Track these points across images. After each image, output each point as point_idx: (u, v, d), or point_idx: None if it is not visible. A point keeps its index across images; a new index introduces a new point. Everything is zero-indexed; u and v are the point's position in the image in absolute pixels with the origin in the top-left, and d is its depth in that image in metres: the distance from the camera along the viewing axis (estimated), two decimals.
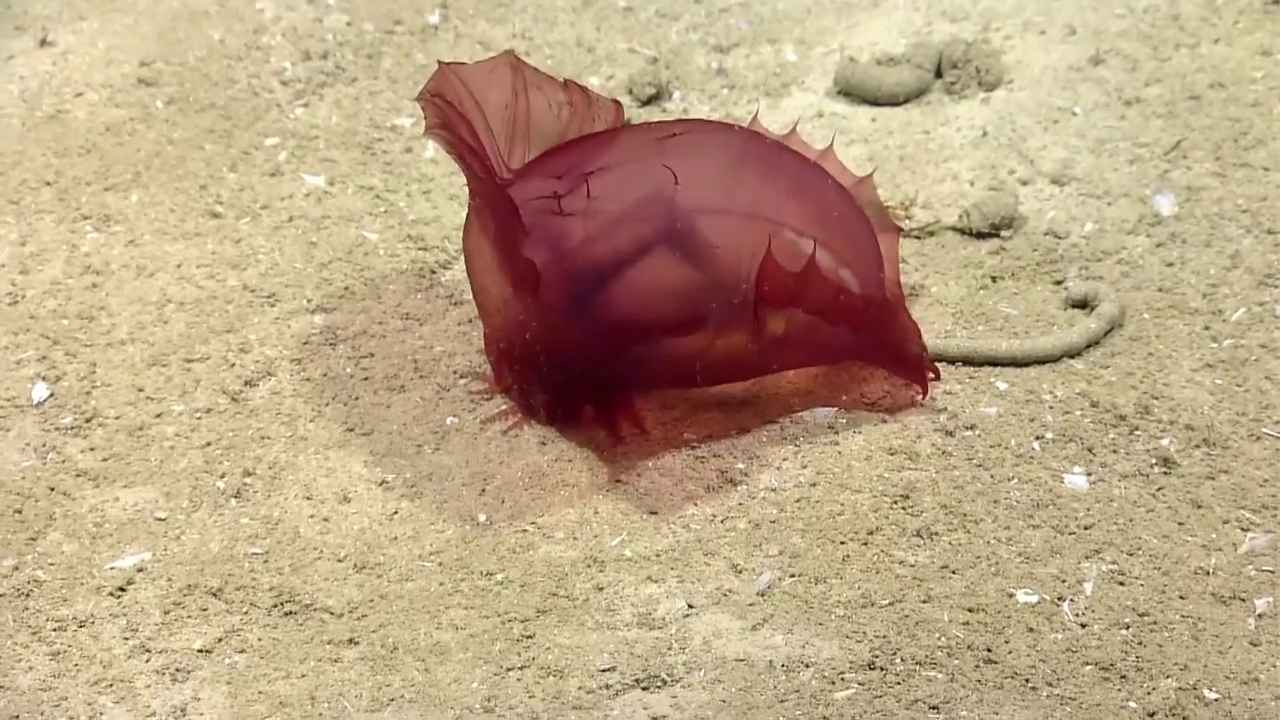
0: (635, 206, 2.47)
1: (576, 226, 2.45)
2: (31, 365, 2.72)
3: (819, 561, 2.36)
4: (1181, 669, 2.19)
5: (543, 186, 2.46)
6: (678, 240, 2.45)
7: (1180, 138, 3.03)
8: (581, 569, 2.37)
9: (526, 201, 2.43)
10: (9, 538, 2.45)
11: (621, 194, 2.47)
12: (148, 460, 2.57)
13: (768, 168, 2.54)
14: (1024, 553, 2.35)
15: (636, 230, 2.46)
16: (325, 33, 3.47)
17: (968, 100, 3.23)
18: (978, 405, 2.59)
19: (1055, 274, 2.82)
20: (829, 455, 2.52)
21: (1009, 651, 2.21)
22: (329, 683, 2.22)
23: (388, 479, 2.53)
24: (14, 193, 3.07)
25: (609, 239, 2.46)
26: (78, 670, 2.26)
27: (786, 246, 2.44)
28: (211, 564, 2.40)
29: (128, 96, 3.30)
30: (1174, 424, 2.53)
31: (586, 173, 2.46)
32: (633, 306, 2.46)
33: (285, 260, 2.93)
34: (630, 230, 2.46)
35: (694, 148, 2.51)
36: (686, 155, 2.49)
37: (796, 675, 2.19)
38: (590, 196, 2.44)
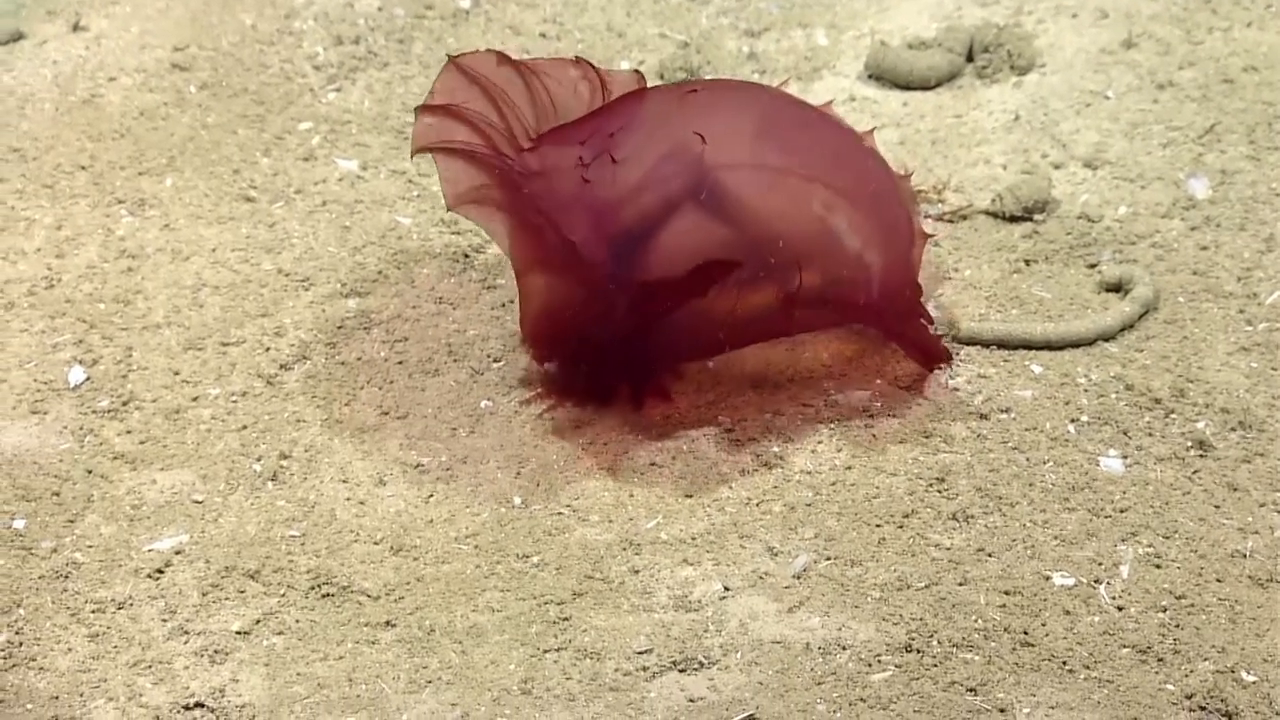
0: (661, 165, 2.45)
1: (604, 192, 2.44)
2: (68, 349, 2.72)
3: (855, 544, 2.35)
4: (1219, 652, 2.18)
5: (567, 154, 2.45)
6: (706, 197, 2.43)
7: (1214, 121, 3.02)
8: (617, 552, 2.37)
9: (551, 170, 2.42)
10: (47, 520, 2.45)
11: (646, 154, 2.45)
12: (184, 443, 2.57)
13: (799, 127, 2.52)
14: (1060, 536, 2.35)
15: (664, 189, 2.44)
16: (357, 17, 3.47)
17: (999, 84, 3.22)
18: (1012, 388, 2.58)
19: (1089, 257, 2.81)
20: (864, 438, 2.52)
21: (1046, 634, 2.21)
22: (366, 664, 2.22)
23: (423, 462, 2.53)
24: (48, 177, 3.07)
25: (637, 201, 2.45)
26: (117, 652, 2.26)
27: (815, 208, 2.44)
28: (249, 546, 2.40)
29: (161, 81, 3.30)
30: (1209, 407, 2.53)
31: (609, 134, 2.45)
32: (666, 268, 2.45)
33: (319, 244, 2.93)
34: (657, 190, 2.44)
35: (719, 104, 2.50)
36: (712, 112, 2.48)
37: (833, 658, 2.19)
38: (615, 160, 2.43)
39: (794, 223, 2.44)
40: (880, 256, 2.51)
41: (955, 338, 2.67)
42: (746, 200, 2.44)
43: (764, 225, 2.44)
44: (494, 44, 3.42)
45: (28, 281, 2.85)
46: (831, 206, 2.46)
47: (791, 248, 2.43)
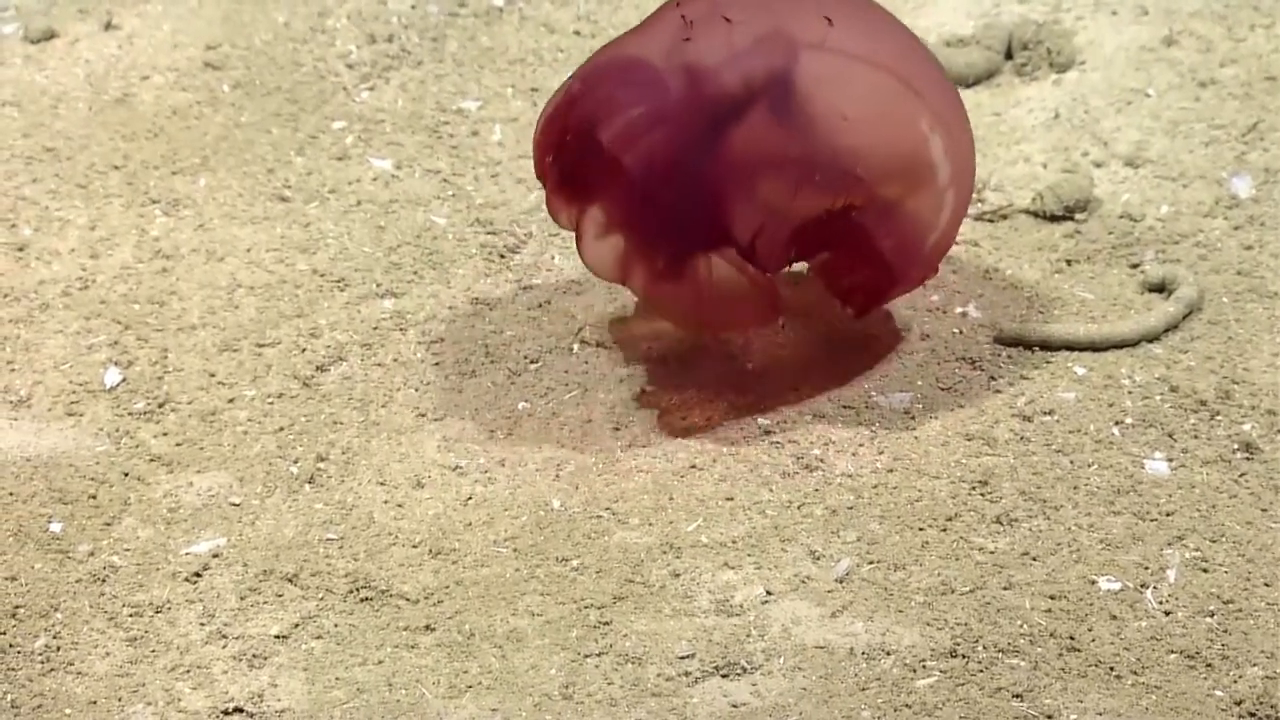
0: (751, 45, 2.41)
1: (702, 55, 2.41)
2: (103, 350, 2.72)
3: (898, 548, 2.34)
4: (1268, 657, 2.17)
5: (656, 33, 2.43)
6: (786, 87, 2.39)
7: (1257, 119, 3.00)
8: (657, 555, 2.36)
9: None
10: (84, 523, 2.45)
11: (731, 38, 2.41)
12: (221, 445, 2.57)
13: (909, 40, 2.51)
14: (1105, 539, 2.33)
15: (746, 70, 2.40)
16: (390, 15, 3.47)
17: (1039, 82, 3.21)
18: (1055, 390, 2.57)
19: (1131, 257, 2.80)
20: (905, 441, 2.51)
21: (1092, 639, 2.19)
22: (406, 669, 2.22)
23: (461, 464, 2.52)
24: (82, 176, 3.07)
25: (719, 80, 2.40)
26: (155, 656, 2.26)
27: (922, 126, 2.43)
28: (286, 549, 2.40)
29: (194, 80, 3.30)
30: (1255, 409, 2.51)
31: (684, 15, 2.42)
32: (740, 159, 2.41)
33: (354, 244, 2.93)
34: (738, 71, 2.40)
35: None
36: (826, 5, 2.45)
37: (878, 663, 2.18)
38: (729, 19, 2.40)
39: (892, 138, 2.41)
40: (955, 203, 2.50)
41: (998, 339, 2.66)
42: (842, 98, 2.40)
43: (856, 133, 2.39)
44: (528, 42, 3.42)
45: (62, 282, 2.85)
46: (934, 129, 2.44)
47: (880, 166, 2.39)
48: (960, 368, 2.62)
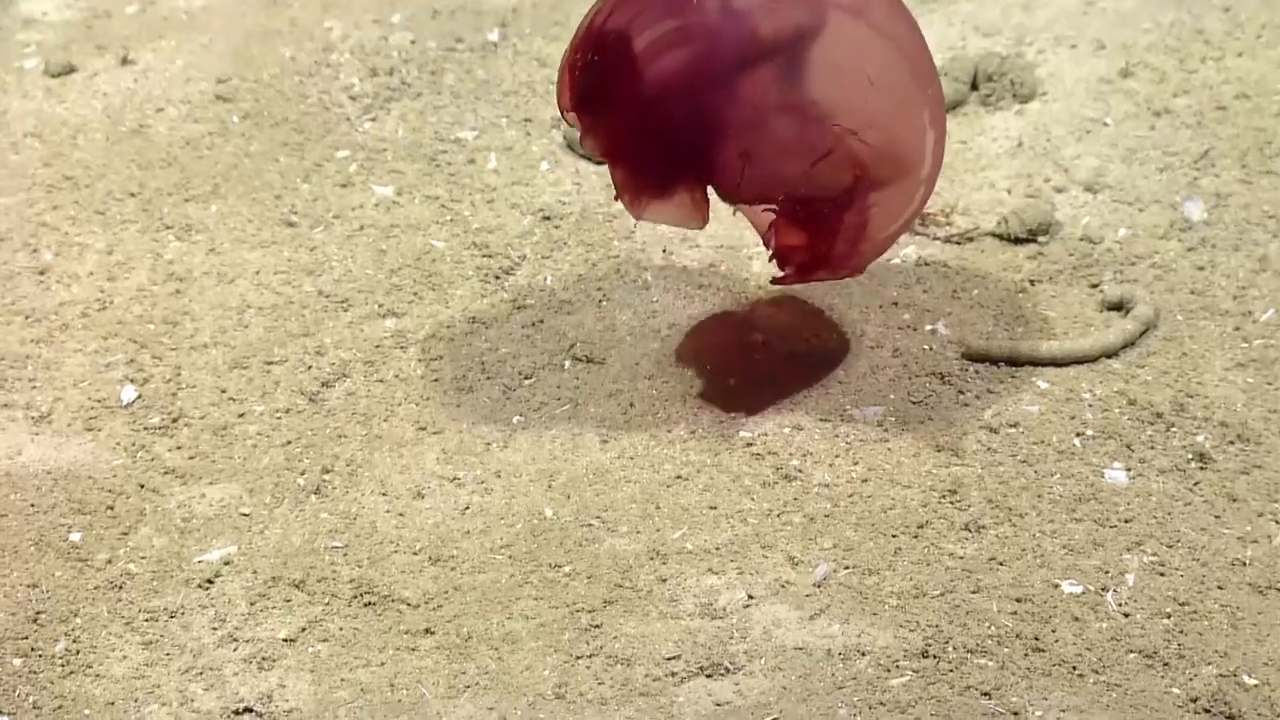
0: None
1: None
2: (120, 368, 2.71)
3: (872, 554, 2.34)
4: (1222, 656, 2.16)
5: None
6: (811, 45, 2.35)
7: (1208, 146, 3.00)
8: (645, 561, 2.35)
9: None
10: (102, 533, 2.44)
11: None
12: (231, 458, 2.56)
13: (921, 39, 2.48)
14: (1068, 545, 2.33)
15: (779, 20, 2.35)
16: (391, 50, 3.46)
17: (1003, 111, 3.21)
18: (1020, 403, 2.56)
19: (1091, 278, 2.79)
20: (879, 452, 2.50)
21: (1056, 640, 2.19)
22: (407, 670, 2.21)
23: (459, 475, 2.51)
24: (100, 204, 3.06)
25: (751, 23, 2.35)
26: (169, 659, 2.25)
27: (924, 119, 2.42)
28: (294, 557, 2.39)
29: (205, 112, 3.29)
30: (1209, 421, 2.51)
31: None
32: (752, 104, 2.36)
33: (357, 267, 2.92)
34: (771, 20, 2.35)
35: None
36: None
37: (853, 663, 2.17)
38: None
39: (899, 121, 2.39)
40: (917, 204, 2.48)
41: (965, 355, 2.65)
42: (863, 68, 2.36)
43: (869, 106, 2.36)
44: (520, 75, 3.42)
45: (81, 304, 2.84)
46: (930, 125, 2.43)
47: (884, 144, 2.36)
48: (930, 382, 2.61)
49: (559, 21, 3.55)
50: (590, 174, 3.12)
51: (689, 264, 2.88)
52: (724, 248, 2.91)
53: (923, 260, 2.86)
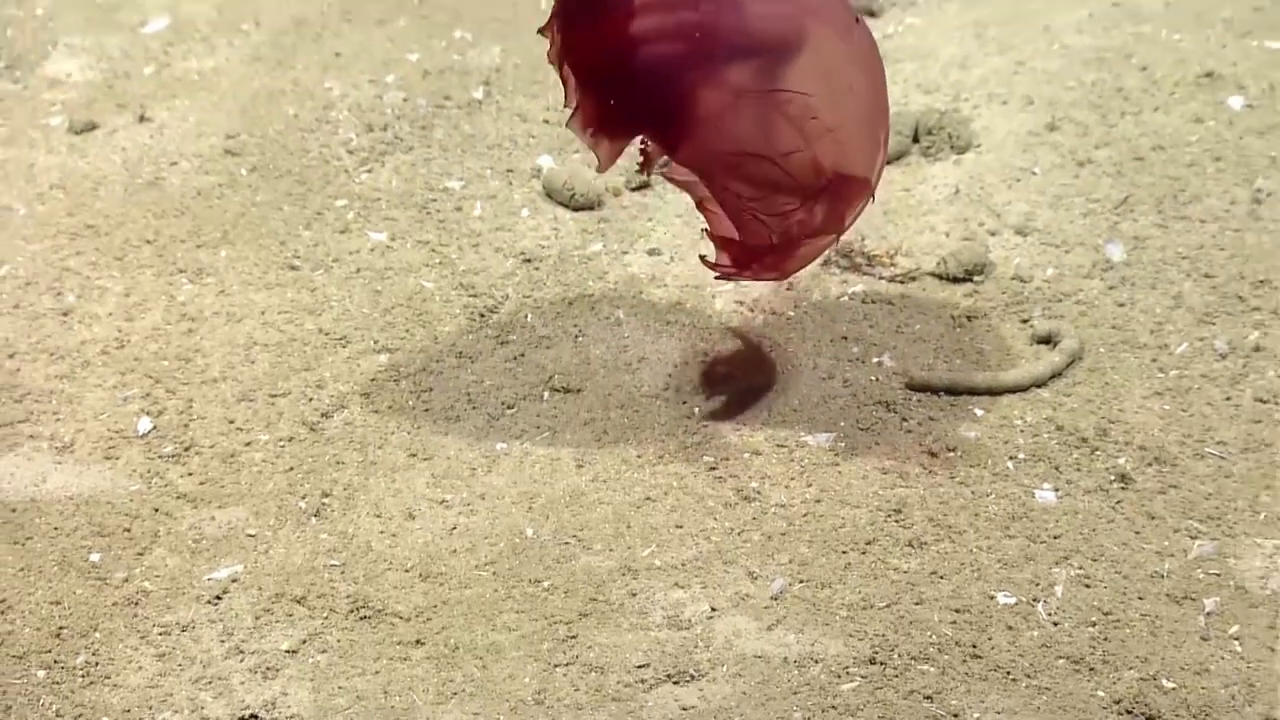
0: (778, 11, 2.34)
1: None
2: (136, 402, 2.69)
3: (824, 569, 2.32)
4: (1142, 661, 2.16)
5: None
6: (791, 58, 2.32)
7: (1127, 194, 3.00)
8: (617, 577, 2.34)
9: None
10: (120, 553, 2.42)
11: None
12: (239, 484, 2.54)
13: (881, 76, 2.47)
14: (1002, 560, 2.32)
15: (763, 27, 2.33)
16: (385, 107, 3.45)
17: (941, 162, 3.20)
18: (958, 429, 2.56)
19: (1022, 314, 2.79)
20: (830, 475, 2.49)
21: (992, 647, 2.18)
22: (399, 679, 2.19)
23: (447, 498, 2.50)
24: (118, 250, 3.04)
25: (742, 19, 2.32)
26: (181, 670, 2.23)
27: (881, 135, 2.41)
28: (296, 575, 2.37)
29: (216, 165, 3.27)
30: (1129, 444, 2.50)
31: None
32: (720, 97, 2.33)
33: (354, 306, 2.90)
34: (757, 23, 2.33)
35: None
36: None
37: (807, 670, 2.16)
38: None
39: (863, 138, 2.38)
40: (849, 220, 2.46)
41: (909, 385, 2.65)
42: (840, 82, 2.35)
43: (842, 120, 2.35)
44: (504, 130, 3.40)
45: (101, 342, 2.82)
46: (880, 147, 2.43)
47: (851, 157, 2.35)
48: (877, 410, 2.61)
49: (538, 80, 3.54)
50: (567, 220, 3.11)
51: (657, 302, 2.87)
52: (689, 287, 2.90)
53: (869, 298, 2.85)
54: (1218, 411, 2.55)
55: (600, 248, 3.01)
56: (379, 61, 3.57)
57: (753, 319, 2.80)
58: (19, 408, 2.69)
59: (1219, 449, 2.48)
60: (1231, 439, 2.50)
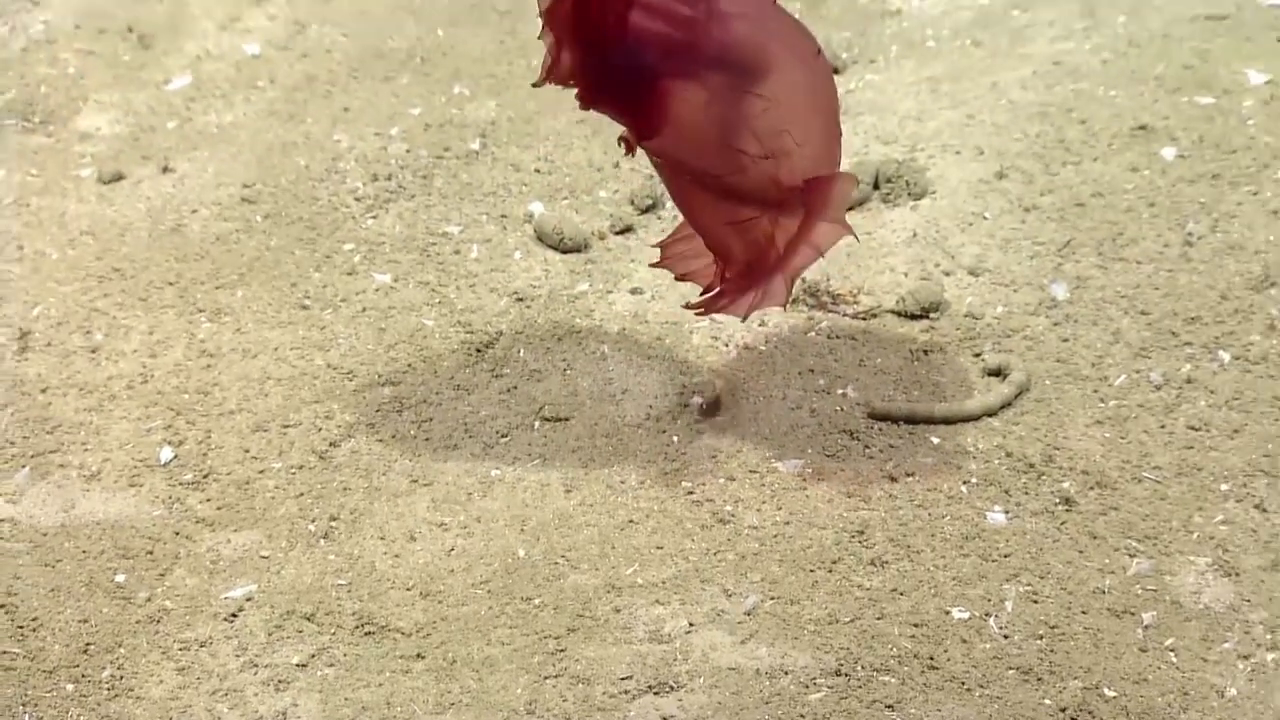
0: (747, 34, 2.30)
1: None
2: (159, 433, 2.67)
3: (793, 587, 2.31)
4: (1086, 671, 2.14)
5: None
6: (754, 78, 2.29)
7: (1070, 237, 3.00)
8: (602, 594, 2.32)
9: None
10: (143, 574, 2.40)
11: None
12: (253, 509, 2.52)
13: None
14: (957, 577, 2.31)
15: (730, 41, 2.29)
16: (389, 158, 3.43)
17: (900, 208, 3.20)
18: (916, 456, 2.55)
19: (974, 348, 2.78)
20: (798, 499, 2.48)
21: (948, 659, 2.17)
22: (402, 690, 2.17)
23: (445, 521, 2.48)
24: (143, 291, 3.02)
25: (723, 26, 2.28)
26: (199, 683, 2.21)
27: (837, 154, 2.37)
28: (306, 594, 2.35)
29: (233, 212, 3.26)
30: (1073, 470, 2.49)
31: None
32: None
33: (360, 343, 2.89)
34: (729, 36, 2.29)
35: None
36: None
37: (778, 681, 2.15)
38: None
39: (821, 156, 2.34)
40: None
41: (870, 414, 2.63)
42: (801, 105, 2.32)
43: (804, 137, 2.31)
44: (498, 178, 3.39)
45: (126, 377, 2.80)
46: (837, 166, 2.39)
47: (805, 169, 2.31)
48: (841, 438, 2.59)
49: (530, 133, 3.53)
50: (556, 261, 3.10)
51: (640, 338, 2.85)
52: (669, 324, 2.89)
53: (834, 333, 2.84)
54: (1153, 439, 2.54)
55: (587, 287, 3.00)
56: (384, 116, 3.55)
57: (727, 353, 2.79)
58: (50, 438, 2.67)
59: (1155, 473, 2.48)
60: (1166, 464, 2.49)
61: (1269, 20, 3.41)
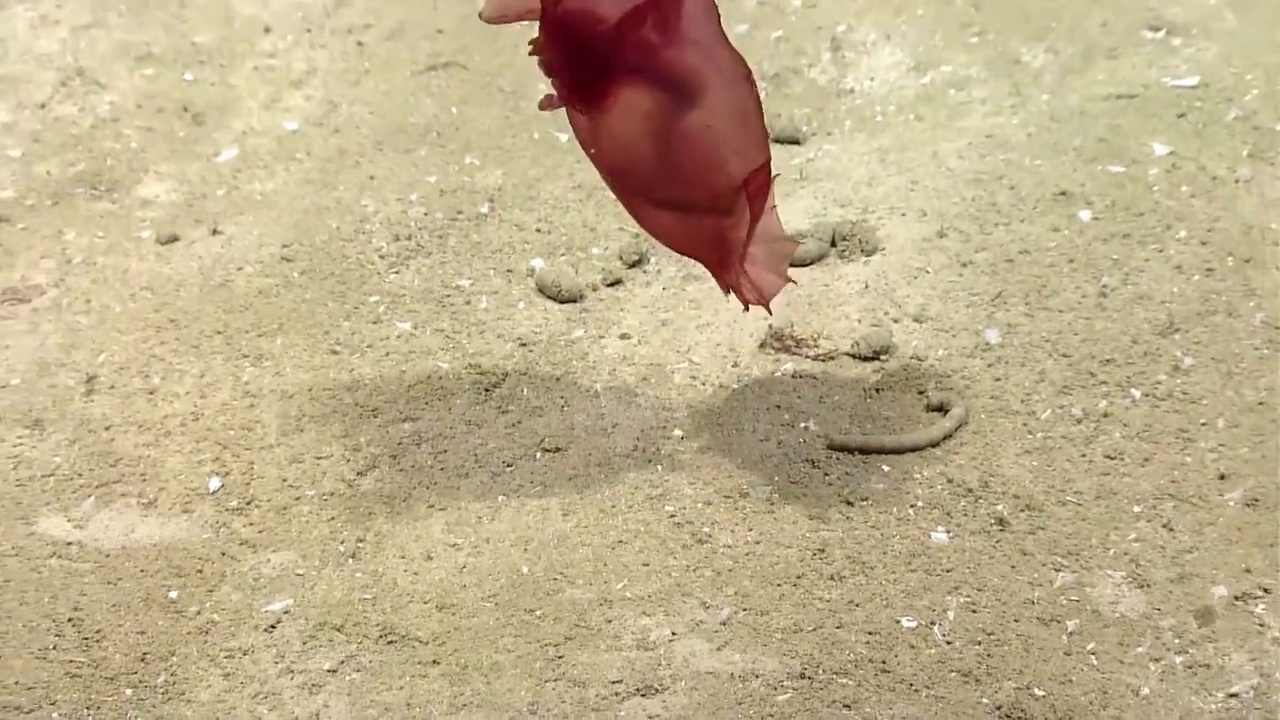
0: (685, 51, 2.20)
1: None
2: (208, 465, 2.65)
3: (763, 599, 2.29)
4: (1018, 673, 2.12)
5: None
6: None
7: (1001, 289, 2.99)
8: (596, 607, 2.30)
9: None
10: (193, 591, 2.37)
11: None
12: (290, 532, 2.49)
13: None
14: (905, 590, 2.29)
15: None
16: (409, 221, 3.41)
17: (854, 262, 3.18)
18: (869, 482, 2.53)
19: (919, 387, 2.76)
20: (767, 521, 2.46)
21: (898, 663, 2.15)
22: (420, 693, 2.15)
23: (458, 542, 2.46)
24: (195, 339, 3.00)
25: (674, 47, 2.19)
26: (243, 687, 2.18)
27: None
28: (336, 607, 2.32)
29: (273, 269, 3.24)
30: (1005, 494, 2.48)
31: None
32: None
33: (384, 384, 2.86)
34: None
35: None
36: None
37: (750, 683, 2.12)
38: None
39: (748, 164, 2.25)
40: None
41: (829, 446, 2.62)
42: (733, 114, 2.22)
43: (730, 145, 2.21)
44: (504, 237, 3.37)
45: (180, 416, 2.77)
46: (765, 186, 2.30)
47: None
48: (804, 467, 2.57)
49: (531, 197, 3.51)
50: (555, 311, 3.08)
51: (628, 378, 2.84)
52: (653, 365, 2.87)
53: (797, 374, 2.82)
54: (1075, 466, 2.53)
55: (582, 333, 2.98)
56: (405, 183, 3.53)
57: (704, 391, 2.78)
58: (113, 471, 2.64)
59: (1077, 497, 2.46)
60: (1087, 489, 2.47)
61: (1170, 99, 3.42)
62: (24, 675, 2.21)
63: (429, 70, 3.82)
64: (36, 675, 2.21)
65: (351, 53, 3.88)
